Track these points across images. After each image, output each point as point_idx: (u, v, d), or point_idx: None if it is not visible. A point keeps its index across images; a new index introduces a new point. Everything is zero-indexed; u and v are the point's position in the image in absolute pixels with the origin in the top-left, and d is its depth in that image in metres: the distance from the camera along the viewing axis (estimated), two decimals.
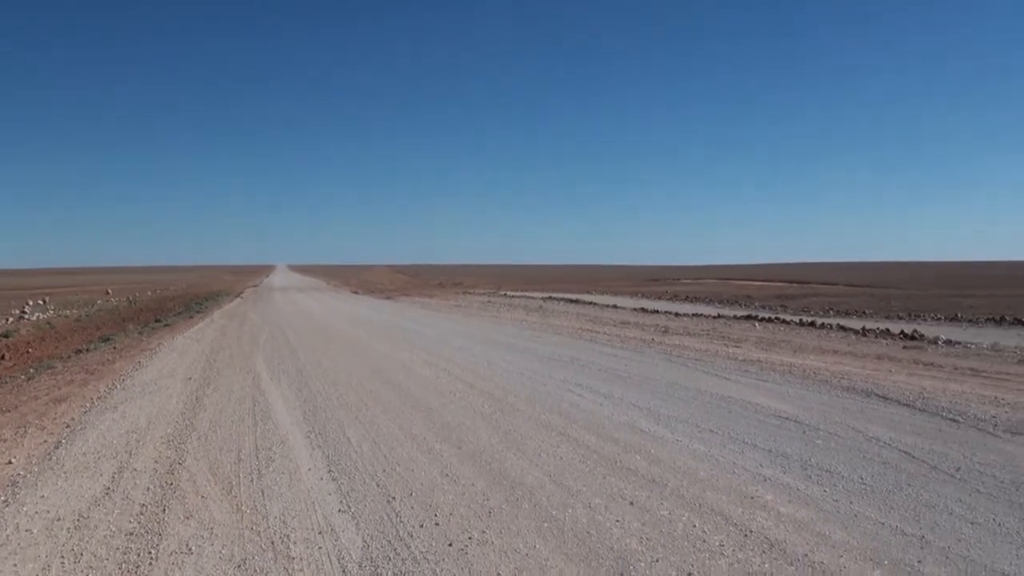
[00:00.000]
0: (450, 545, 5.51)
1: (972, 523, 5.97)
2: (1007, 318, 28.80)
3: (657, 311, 34.05)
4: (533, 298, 47.81)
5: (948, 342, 19.72)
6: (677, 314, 31.74)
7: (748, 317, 29.77)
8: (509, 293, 57.31)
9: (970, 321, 28.96)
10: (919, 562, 5.12)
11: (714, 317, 29.81)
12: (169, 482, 7.34)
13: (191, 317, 30.61)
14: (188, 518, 6.30)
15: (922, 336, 21.11)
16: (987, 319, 28.85)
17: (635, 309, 35.44)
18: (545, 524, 6.00)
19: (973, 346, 18.79)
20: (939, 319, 30.01)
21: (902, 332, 22.30)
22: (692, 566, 5.11)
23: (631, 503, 6.47)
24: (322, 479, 7.19)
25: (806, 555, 5.26)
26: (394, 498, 6.61)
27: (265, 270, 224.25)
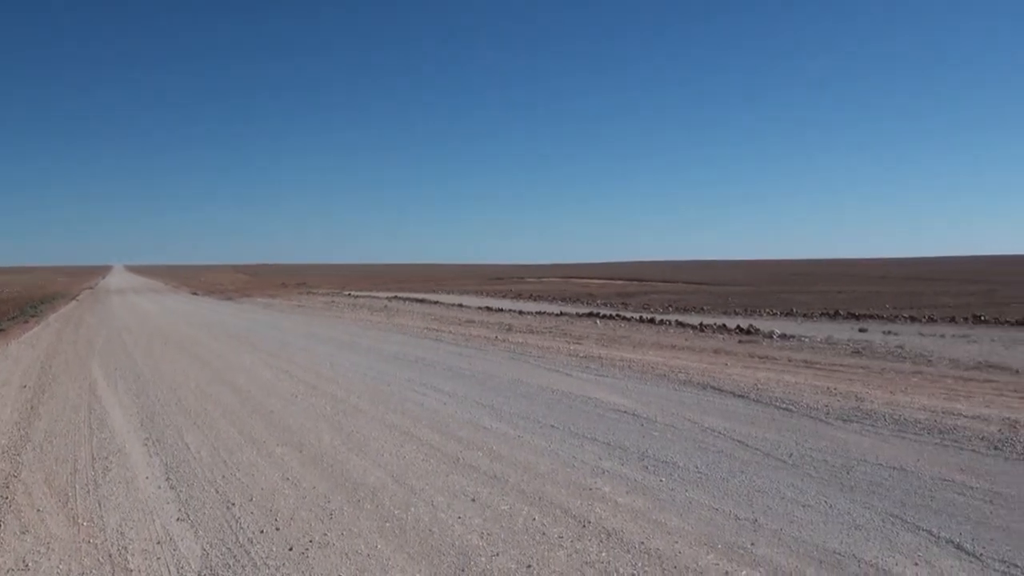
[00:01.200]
0: (290, 550, 6.58)
1: (804, 506, 7.50)
2: (841, 312, 35.07)
3: (502, 309, 40.53)
4: (378, 298, 55.24)
5: (783, 336, 24.13)
6: (521, 312, 37.92)
7: (590, 315, 35.77)
8: (354, 293, 65.98)
9: (805, 316, 35.06)
10: (752, 544, 6.49)
11: (557, 315, 35.82)
12: (4, 496, 8.30)
13: (26, 321, 34.94)
14: (24, 533, 7.23)
15: (758, 331, 25.61)
16: (821, 314, 35.22)
17: (480, 308, 41.89)
18: (387, 524, 7.17)
19: (807, 339, 23.06)
20: (775, 314, 36.61)
21: (739, 327, 26.93)
22: (531, 558, 6.27)
23: (473, 499, 7.81)
24: (160, 487, 8.44)
25: (642, 543, 6.56)
26: (234, 504, 7.86)
27: (101, 271, 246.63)
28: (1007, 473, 8.65)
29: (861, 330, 26.59)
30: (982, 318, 32.41)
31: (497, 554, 6.43)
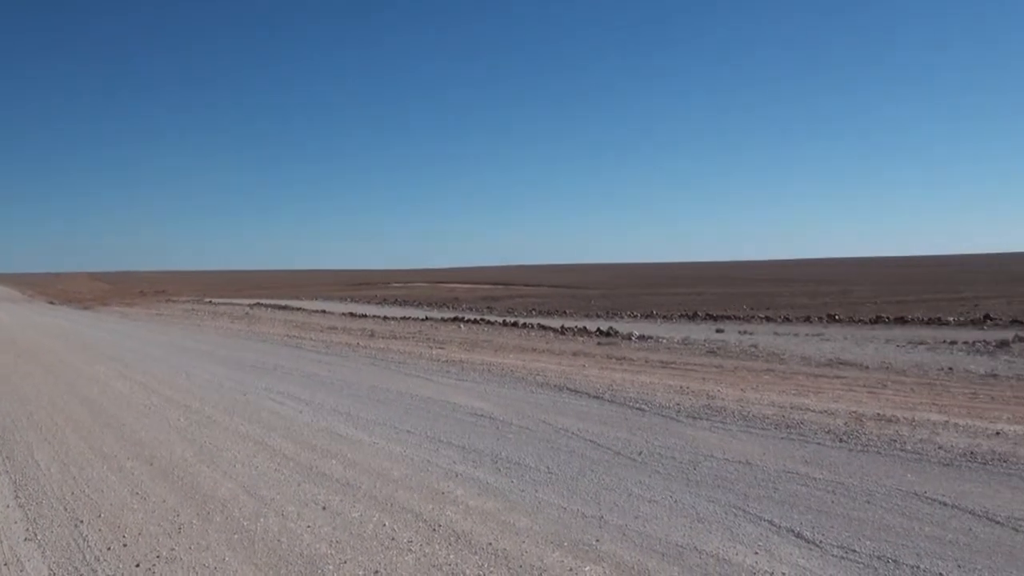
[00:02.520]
0: (137, 566, 6.51)
1: (650, 501, 7.71)
2: (700, 314, 36.40)
3: (366, 315, 40.58)
4: (240, 305, 54.74)
5: (641, 337, 24.73)
6: (386, 318, 37.97)
7: (455, 319, 36.20)
8: (215, 300, 64.87)
9: (665, 317, 36.07)
10: (597, 541, 6.64)
11: (422, 320, 36.09)
12: None
13: None
14: None
15: (617, 333, 26.22)
16: (681, 315, 36.28)
17: (344, 314, 41.91)
18: (236, 536, 7.11)
19: (665, 340, 23.66)
20: (636, 316, 37.62)
21: (599, 330, 27.59)
22: (380, 564, 6.30)
23: (324, 508, 7.81)
24: (8, 506, 8.27)
25: (490, 544, 6.66)
26: (82, 521, 7.69)
27: None
28: (850, 464, 9.04)
29: (718, 330, 27.50)
30: (836, 317, 33.88)
31: (345, 561, 6.43)
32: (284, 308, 49.92)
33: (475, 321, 34.66)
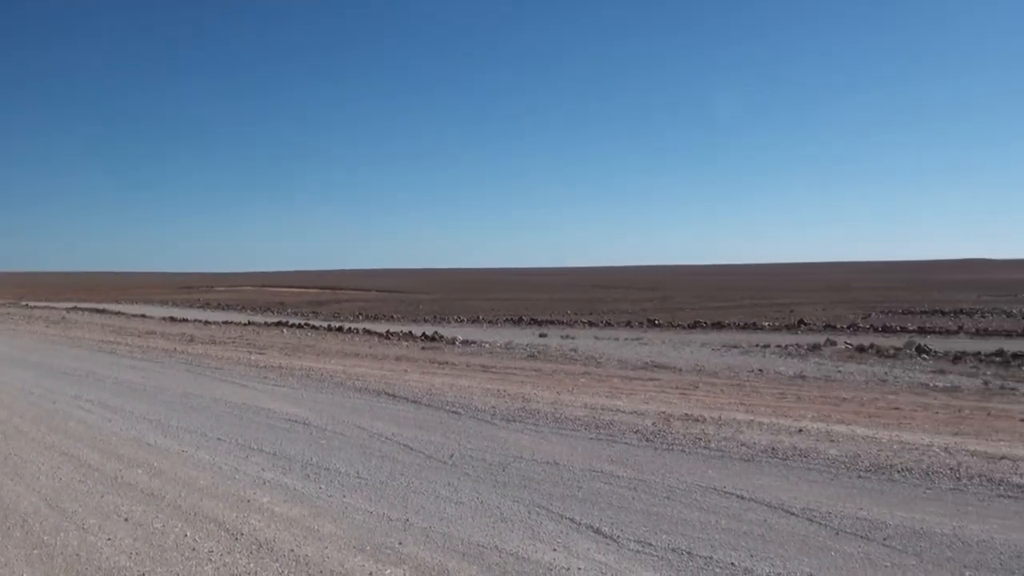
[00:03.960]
0: None
1: (457, 503, 7.76)
2: (525, 319, 37.24)
3: (187, 320, 40.00)
4: (57, 309, 52.86)
5: (465, 342, 24.98)
6: (207, 322, 37.37)
7: (278, 324, 36.04)
8: (31, 304, 63.12)
9: (491, 322, 36.70)
10: (400, 543, 6.64)
11: (244, 324, 35.58)
12: None
13: None
14: None
15: (442, 337, 26.48)
16: (507, 320, 36.95)
17: (164, 318, 41.15)
18: (35, 551, 6.79)
19: (488, 345, 23.98)
20: (462, 321, 38.23)
21: (424, 334, 27.93)
22: (178, 575, 6.18)
23: (126, 519, 7.53)
24: None
25: (292, 550, 6.57)
26: None
27: None
28: (654, 462, 9.32)
29: (541, 335, 28.03)
30: (656, 322, 35.02)
31: (144, 573, 6.25)
32: (102, 312, 48.62)
33: (299, 326, 34.50)
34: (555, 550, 6.46)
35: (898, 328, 33.35)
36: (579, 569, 6.07)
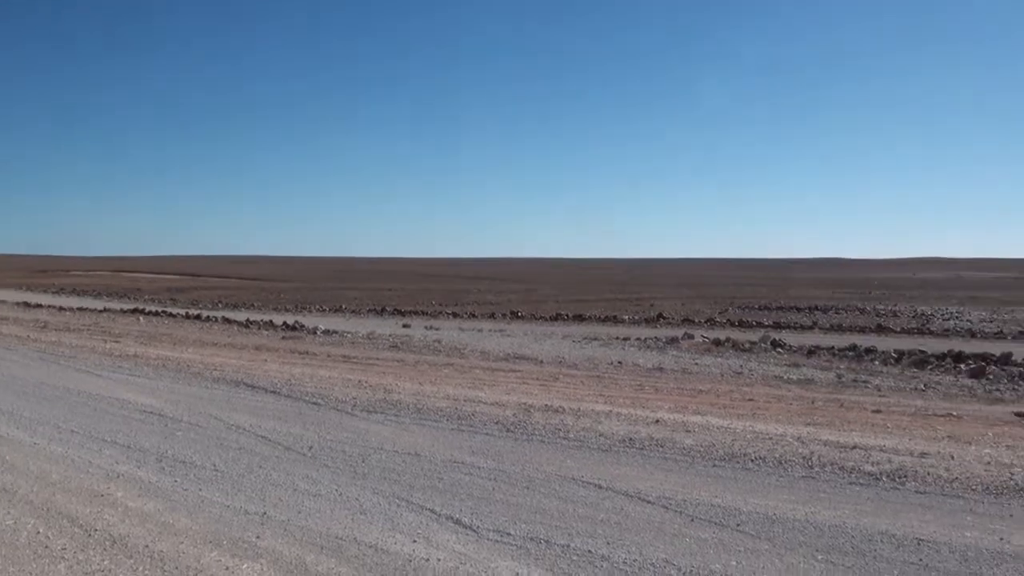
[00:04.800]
0: None
1: (315, 496, 7.67)
2: (388, 309, 37.24)
3: (40, 305, 38.45)
4: None
5: (327, 332, 24.80)
6: (61, 308, 36.03)
7: (135, 311, 34.96)
8: None
9: (354, 312, 36.35)
10: (257, 537, 6.53)
11: (100, 311, 34.41)
12: None
13: None
14: None
15: (303, 327, 26.21)
16: (370, 310, 36.59)
17: (17, 303, 39.49)
18: None
19: (350, 335, 23.79)
20: (325, 311, 37.66)
21: (285, 323, 27.58)
22: (30, 575, 5.92)
23: None
24: None
25: (147, 546, 6.38)
26: None
27: None
28: (514, 452, 9.42)
29: (405, 325, 28.03)
30: (519, 314, 35.38)
31: None
32: None
33: (156, 313, 33.74)
34: (415, 541, 6.45)
35: (754, 323, 34.47)
36: (438, 560, 6.08)
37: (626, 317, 36.06)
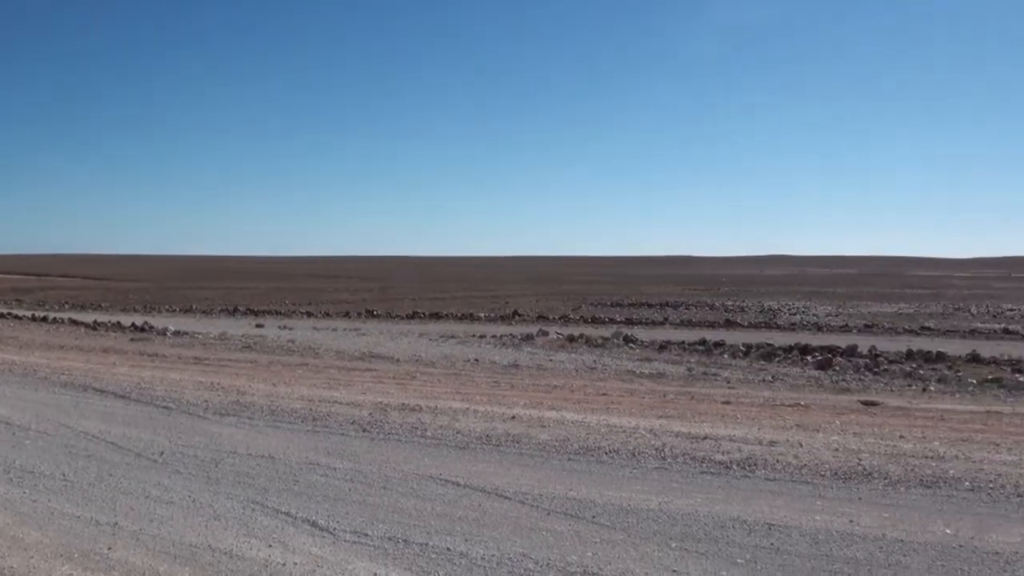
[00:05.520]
0: None
1: (168, 503, 7.47)
2: (241, 309, 36.65)
3: None
4: None
5: (177, 333, 24.25)
6: None
7: None
8: None
9: (205, 312, 35.53)
10: (109, 548, 6.32)
11: None
12: None
13: None
14: None
15: (153, 328, 25.57)
16: (222, 310, 35.88)
17: None
18: None
19: (201, 336, 23.34)
20: (175, 311, 36.70)
21: (134, 325, 26.84)
22: None
23: None
24: None
25: None
26: None
27: None
28: (370, 452, 9.38)
29: (258, 326, 27.63)
30: (375, 313, 35.23)
31: None
32: None
33: (1, 315, 32.66)
34: (271, 546, 6.35)
35: (607, 319, 35.14)
36: (295, 564, 6.00)
37: (482, 314, 36.26)
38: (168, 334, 24.20)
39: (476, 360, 18.72)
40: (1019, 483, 8.27)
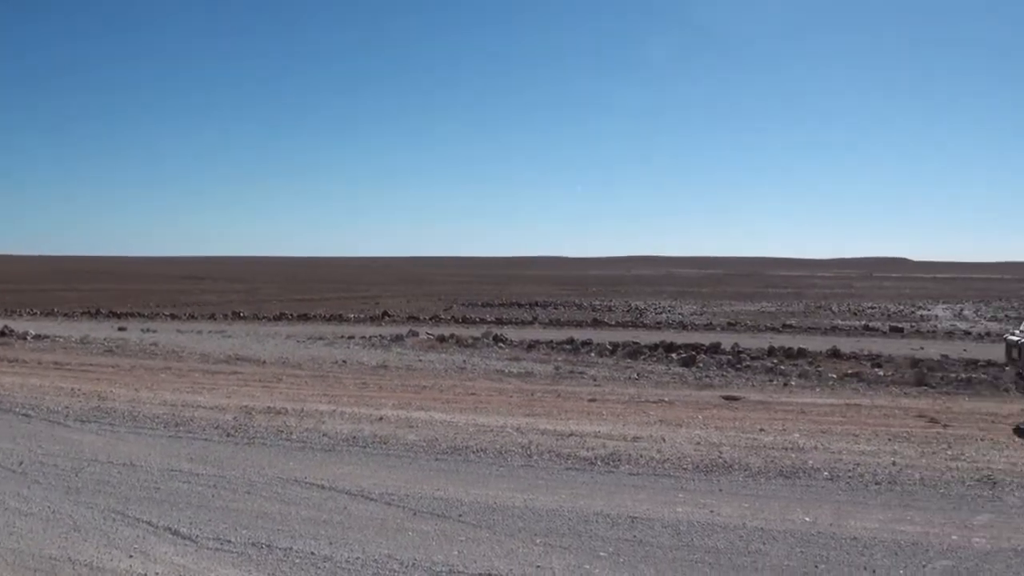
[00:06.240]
0: None
1: (26, 515, 7.17)
2: (103, 311, 35.69)
3: None
4: None
5: (37, 337, 23.46)
6: None
7: None
8: None
9: (67, 315, 34.55)
10: None
11: None
12: None
13: None
14: None
15: (12, 331, 24.43)
16: (83, 313, 34.82)
17: None
18: None
19: (62, 339, 22.61)
20: (36, 313, 35.83)
21: None
22: None
23: None
24: None
25: None
26: None
27: None
28: (234, 457, 9.23)
29: (121, 328, 26.88)
30: (241, 315, 34.68)
31: None
32: None
33: None
34: (131, 556, 6.19)
35: (478, 319, 35.28)
36: (156, 574, 5.88)
37: (352, 315, 36.01)
38: (28, 338, 23.36)
39: (344, 361, 18.59)
40: (877, 471, 8.67)
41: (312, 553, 6.23)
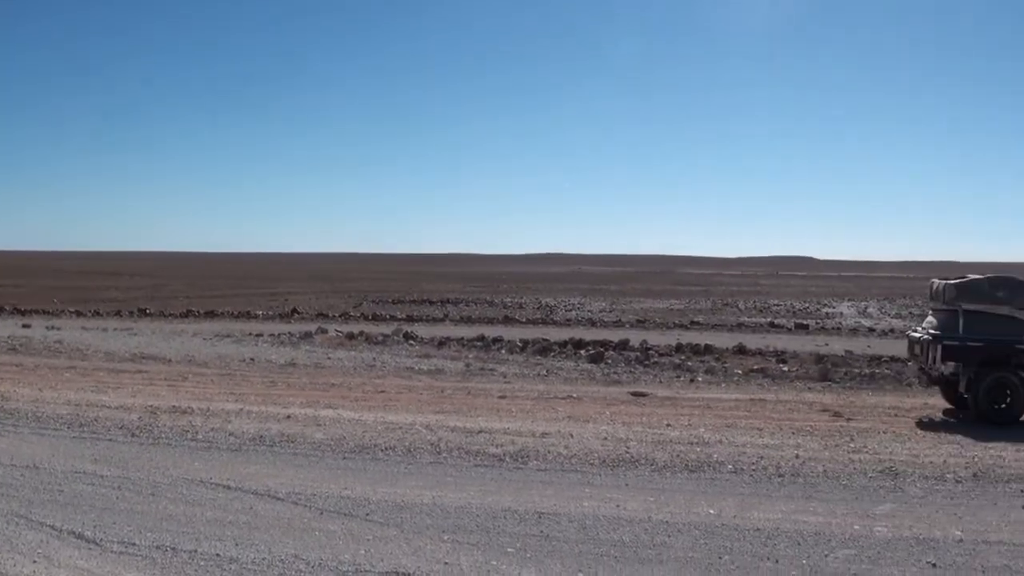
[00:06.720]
0: None
1: None
2: (7, 308, 34.51)
3: None
4: None
5: None
6: None
7: None
8: None
9: None
10: None
11: None
12: None
13: None
14: None
15: None
16: None
17: None
18: None
19: None
20: None
21: None
22: None
23: None
24: None
25: None
26: None
27: None
28: (139, 458, 9.09)
29: (25, 326, 26.17)
30: (147, 312, 33.97)
31: None
32: None
33: None
34: (35, 562, 6.05)
35: (388, 316, 35.02)
36: None
37: (260, 313, 35.52)
38: None
39: (252, 359, 18.38)
40: (780, 464, 8.92)
41: (218, 555, 6.18)
